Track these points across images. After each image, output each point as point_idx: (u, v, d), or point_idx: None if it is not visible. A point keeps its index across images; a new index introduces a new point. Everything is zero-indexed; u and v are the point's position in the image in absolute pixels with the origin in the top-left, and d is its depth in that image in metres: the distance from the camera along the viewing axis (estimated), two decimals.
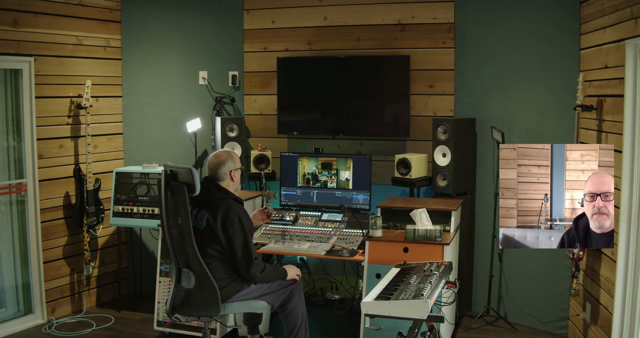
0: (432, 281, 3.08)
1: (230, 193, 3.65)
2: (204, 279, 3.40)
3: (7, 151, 4.64)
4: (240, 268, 3.53)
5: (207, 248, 3.50)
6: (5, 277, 4.65)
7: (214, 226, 3.49)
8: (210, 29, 5.36)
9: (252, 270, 3.52)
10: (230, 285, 3.53)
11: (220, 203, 3.54)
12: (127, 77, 5.45)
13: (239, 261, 3.51)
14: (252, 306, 3.63)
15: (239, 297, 3.57)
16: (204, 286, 3.41)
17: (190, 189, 3.33)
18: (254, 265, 3.53)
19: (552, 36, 4.45)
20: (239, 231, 3.50)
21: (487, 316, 4.78)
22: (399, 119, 4.93)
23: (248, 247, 3.52)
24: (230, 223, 3.48)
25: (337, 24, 5.11)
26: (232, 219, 3.49)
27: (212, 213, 3.51)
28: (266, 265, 3.63)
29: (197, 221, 3.53)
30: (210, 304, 3.42)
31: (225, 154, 3.71)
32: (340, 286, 5.22)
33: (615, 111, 3.59)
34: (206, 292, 3.41)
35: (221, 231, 3.48)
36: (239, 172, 3.75)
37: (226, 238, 3.49)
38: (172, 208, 3.43)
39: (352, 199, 4.78)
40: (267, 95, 5.33)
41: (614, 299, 3.51)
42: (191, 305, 3.49)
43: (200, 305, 3.46)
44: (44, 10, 4.67)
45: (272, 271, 3.66)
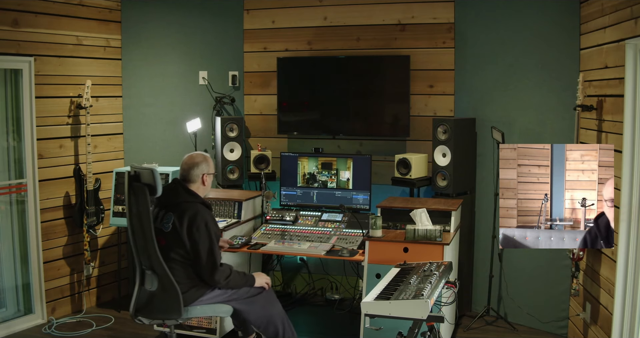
0: (432, 281, 3.08)
1: (199, 197, 3.54)
2: (166, 282, 3.34)
3: (7, 151, 4.64)
4: (203, 273, 3.43)
5: (171, 251, 3.42)
6: (5, 277, 4.65)
7: (180, 229, 3.39)
8: (210, 29, 5.36)
9: (216, 276, 3.42)
10: (193, 290, 3.44)
11: (188, 207, 3.44)
12: (127, 77, 5.45)
13: (202, 266, 3.40)
14: (217, 310, 3.55)
15: (202, 301, 3.48)
16: (167, 289, 3.35)
17: (152, 190, 3.29)
18: (218, 272, 3.43)
19: (552, 36, 4.45)
20: (205, 237, 3.39)
21: (487, 316, 4.78)
22: (399, 119, 4.93)
23: (213, 253, 3.41)
24: (196, 228, 3.38)
25: (337, 24, 5.12)
26: (198, 224, 3.39)
27: (178, 216, 3.42)
28: (232, 271, 3.52)
29: (162, 223, 3.45)
30: (172, 307, 3.36)
31: (200, 156, 3.61)
32: (340, 287, 5.22)
33: (615, 111, 3.59)
34: (168, 295, 3.35)
35: (186, 235, 3.39)
36: (211, 177, 3.65)
37: (191, 242, 3.39)
38: (135, 210, 3.37)
39: (352, 199, 4.78)
40: (267, 95, 5.33)
41: (614, 299, 3.51)
42: (154, 308, 3.44)
43: (163, 308, 3.40)
44: (44, 10, 4.67)
45: (238, 278, 3.54)
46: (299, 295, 5.31)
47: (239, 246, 4.29)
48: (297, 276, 5.37)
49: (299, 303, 5.16)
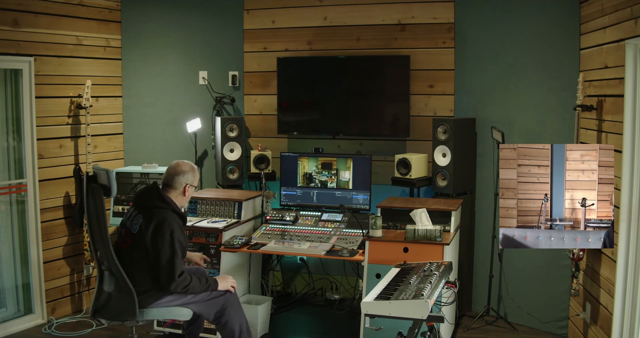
0: (432, 281, 3.08)
1: (172, 205, 3.49)
2: (122, 283, 3.33)
3: (7, 151, 4.64)
4: (160, 281, 3.38)
5: (134, 253, 3.41)
6: (5, 277, 4.65)
7: (145, 234, 3.37)
8: (210, 29, 5.36)
9: (172, 286, 3.36)
10: (151, 292, 3.41)
11: (157, 213, 3.41)
12: (127, 77, 5.45)
13: (160, 274, 3.37)
14: (175, 313, 3.50)
15: (160, 304, 3.45)
16: (122, 290, 3.34)
17: (106, 191, 3.28)
18: (175, 282, 3.36)
19: (552, 36, 4.45)
20: (168, 245, 3.35)
21: (487, 316, 4.78)
22: (399, 119, 4.93)
23: (173, 263, 3.35)
24: (160, 235, 3.35)
25: (337, 24, 5.11)
26: (163, 231, 3.35)
27: (146, 219, 3.39)
28: (193, 279, 3.45)
29: (131, 223, 3.45)
30: (127, 309, 3.34)
31: (188, 166, 3.59)
32: (340, 287, 5.22)
33: (615, 111, 3.59)
34: (124, 296, 3.34)
35: (150, 240, 3.36)
36: (193, 190, 3.61)
37: (153, 248, 3.36)
38: (93, 210, 3.37)
39: (352, 199, 4.78)
40: (267, 95, 5.33)
41: (614, 299, 3.51)
42: (110, 309, 3.43)
43: (118, 309, 3.39)
44: (44, 10, 4.67)
45: (198, 286, 3.48)
46: (299, 295, 5.31)
47: (239, 246, 4.29)
48: (297, 276, 5.37)
49: (299, 303, 5.16)
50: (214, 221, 4.51)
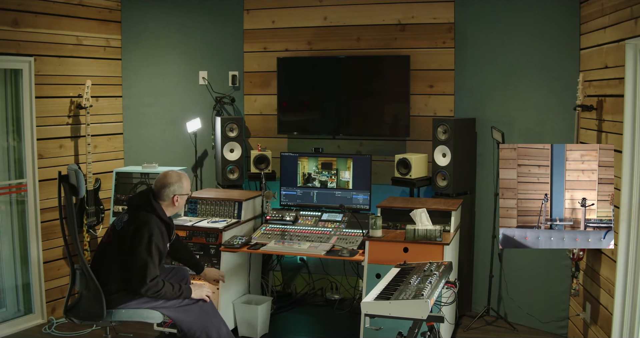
0: (432, 281, 3.08)
1: (158, 211, 3.49)
2: (90, 283, 3.34)
3: (7, 151, 4.64)
4: (132, 282, 3.38)
5: (112, 249, 3.44)
6: (5, 277, 4.65)
7: (125, 233, 3.41)
8: (210, 29, 5.36)
9: (143, 289, 3.35)
10: (122, 293, 3.40)
11: (141, 215, 3.44)
12: (127, 77, 5.45)
13: (133, 276, 3.37)
14: (144, 315, 3.47)
15: (129, 306, 3.43)
16: (90, 290, 3.35)
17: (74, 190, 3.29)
18: (146, 286, 3.34)
19: (552, 36, 4.45)
20: (144, 249, 3.35)
21: (487, 316, 4.78)
22: (399, 119, 4.93)
23: (146, 267, 3.34)
24: (138, 238, 3.36)
25: (337, 24, 5.12)
26: (141, 234, 3.36)
27: (129, 220, 3.44)
28: (165, 285, 3.42)
29: (118, 220, 3.50)
30: (95, 309, 3.35)
31: (175, 176, 3.56)
32: (340, 287, 5.22)
33: (615, 111, 3.59)
34: (92, 296, 3.34)
35: (128, 241, 3.38)
36: (184, 198, 3.60)
37: (130, 248, 3.37)
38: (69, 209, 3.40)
39: (352, 199, 4.78)
40: (267, 95, 5.33)
41: (614, 299, 3.51)
42: (79, 308, 3.44)
43: (88, 309, 3.40)
44: (44, 10, 4.67)
45: (170, 292, 3.45)
46: (299, 295, 5.31)
47: (239, 246, 4.29)
48: (297, 276, 5.37)
49: (299, 303, 5.16)
50: (214, 221, 4.52)
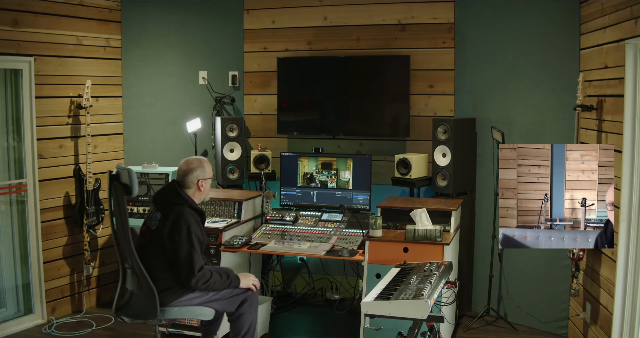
0: (432, 281, 3.08)
1: (189, 201, 3.53)
2: (143, 282, 3.34)
3: (7, 151, 4.64)
4: (180, 276, 3.42)
5: (153, 250, 3.45)
6: (5, 277, 4.65)
7: (163, 229, 3.42)
8: (210, 29, 5.36)
9: (192, 281, 3.39)
10: (173, 289, 3.43)
11: (174, 209, 3.46)
12: (127, 77, 5.45)
13: (180, 270, 3.40)
14: (196, 312, 3.51)
15: (181, 302, 3.45)
16: (143, 288, 3.35)
17: (127, 190, 3.30)
18: (195, 277, 3.39)
19: (552, 36, 4.45)
20: (185, 240, 3.39)
21: (487, 316, 4.78)
22: (399, 119, 4.93)
23: (191, 258, 3.39)
24: (177, 230, 3.40)
25: (337, 24, 5.11)
26: (180, 227, 3.40)
27: (164, 216, 3.45)
28: (213, 274, 3.48)
29: (151, 220, 3.51)
30: (148, 308, 3.35)
31: (196, 162, 3.61)
32: (340, 287, 5.22)
33: (615, 111, 3.59)
34: (145, 295, 3.35)
35: (167, 236, 3.41)
36: (208, 182, 3.64)
37: (171, 244, 3.40)
38: (117, 209, 3.39)
39: (352, 199, 4.78)
40: (267, 95, 5.33)
41: (614, 299, 3.51)
42: (131, 307, 3.44)
43: (140, 308, 3.40)
44: (44, 10, 4.67)
45: (219, 282, 3.50)
46: (299, 295, 5.31)
47: (239, 246, 4.29)
48: (297, 276, 5.37)
49: (299, 303, 5.16)
50: (214, 221, 4.52)
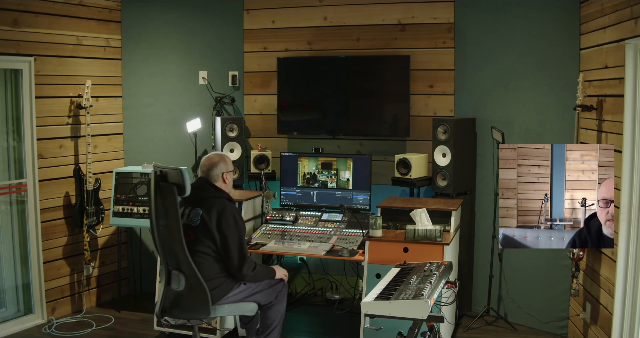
0: (432, 281, 3.08)
1: (225, 193, 3.68)
2: (194, 281, 3.37)
3: (7, 151, 4.64)
4: (233, 266, 3.53)
5: (199, 246, 3.51)
6: (5, 277, 4.65)
7: (209, 223, 3.50)
8: (210, 29, 5.36)
9: (245, 268, 3.53)
10: (222, 286, 3.52)
11: (215, 202, 3.57)
12: (127, 77, 5.45)
13: (232, 259, 3.51)
14: (243, 309, 3.62)
15: (229, 299, 3.55)
16: (194, 288, 3.38)
17: (180, 190, 3.31)
18: (247, 264, 3.55)
19: (552, 36, 4.45)
20: (234, 230, 3.52)
21: (487, 316, 4.78)
22: (399, 119, 4.93)
23: (242, 246, 3.55)
24: (225, 221, 3.50)
25: (337, 24, 5.12)
26: (227, 217, 3.51)
27: (206, 210, 3.53)
28: (256, 264, 3.65)
29: (190, 218, 3.55)
30: (200, 306, 3.39)
31: (217, 156, 3.73)
32: (340, 286, 5.22)
33: (615, 111, 3.59)
34: (196, 294, 3.38)
35: (216, 229, 3.50)
36: (231, 174, 3.77)
37: (220, 235, 3.50)
38: (162, 209, 3.40)
39: (352, 199, 4.78)
40: (267, 95, 5.33)
41: (614, 299, 3.51)
42: (181, 308, 3.46)
43: (190, 307, 3.43)
44: (44, 10, 4.67)
45: (262, 270, 3.67)
46: (299, 295, 5.31)
47: None
48: (297, 276, 5.37)
49: (299, 303, 5.16)
50: None
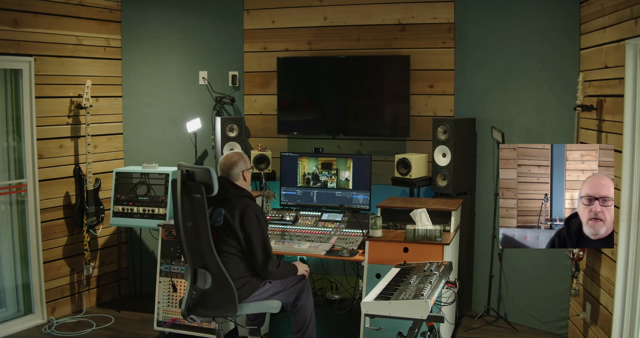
0: (432, 281, 3.08)
1: (246, 191, 3.71)
2: (221, 279, 3.40)
3: (7, 151, 4.64)
4: (257, 264, 3.56)
5: (224, 245, 3.53)
6: (5, 277, 4.65)
7: (232, 222, 3.52)
8: (210, 29, 5.36)
9: (269, 265, 3.57)
10: (248, 284, 3.56)
11: (237, 201, 3.59)
12: (127, 77, 5.45)
13: (257, 257, 3.54)
14: (268, 306, 3.66)
15: (255, 297, 3.59)
16: (221, 286, 3.41)
17: (208, 189, 3.34)
18: (271, 261, 3.58)
19: (552, 36, 4.45)
20: (257, 228, 3.55)
21: (487, 316, 4.78)
22: (399, 119, 4.93)
23: (266, 243, 3.59)
24: (248, 220, 3.53)
25: (337, 24, 5.11)
26: (249, 216, 3.54)
27: (229, 210, 3.55)
28: (279, 260, 3.70)
29: (213, 218, 3.57)
30: (226, 305, 3.42)
31: (236, 155, 3.77)
32: (340, 286, 5.22)
33: (615, 111, 3.59)
34: (223, 292, 3.41)
35: (239, 227, 3.53)
36: (250, 172, 3.82)
37: (244, 234, 3.53)
38: (189, 209, 3.42)
39: (352, 199, 4.78)
40: (267, 95, 5.33)
41: (614, 299, 3.51)
42: (207, 306, 3.48)
43: (217, 305, 3.46)
44: (44, 10, 4.67)
45: (285, 267, 3.72)
46: None
47: None
48: None
49: None
50: None
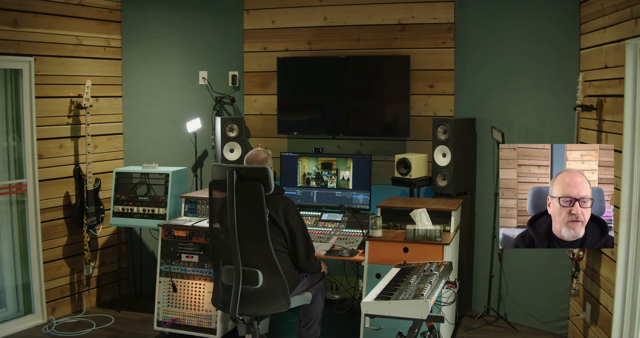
0: (432, 281, 3.08)
1: (280, 188, 3.76)
2: (275, 276, 3.40)
3: (7, 151, 4.64)
4: (301, 258, 3.65)
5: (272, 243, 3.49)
6: (5, 277, 4.65)
7: (278, 220, 3.56)
8: (210, 29, 5.36)
9: (312, 259, 3.71)
10: (292, 279, 3.62)
11: (280, 199, 3.64)
12: (127, 77, 5.45)
13: (300, 251, 3.64)
14: (304, 298, 3.73)
15: (296, 290, 3.66)
16: (275, 283, 3.41)
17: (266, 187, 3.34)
18: (313, 254, 3.73)
19: (552, 36, 4.45)
20: (299, 223, 3.65)
21: (487, 316, 4.79)
22: (399, 119, 4.93)
23: (307, 237, 3.70)
24: (291, 216, 3.61)
25: (337, 24, 5.11)
26: (292, 212, 3.63)
27: (273, 208, 3.56)
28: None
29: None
30: (279, 300, 3.44)
31: (263, 153, 3.80)
32: (340, 286, 5.22)
33: (615, 111, 3.59)
34: (276, 289, 3.43)
35: (284, 224, 3.58)
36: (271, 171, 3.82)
37: (289, 230, 3.60)
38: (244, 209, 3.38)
39: (352, 199, 4.78)
40: (267, 95, 5.33)
41: (614, 299, 3.51)
42: (258, 304, 3.47)
43: (269, 302, 3.45)
44: (44, 10, 4.67)
45: (318, 262, 3.85)
46: None
47: None
48: None
49: None
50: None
